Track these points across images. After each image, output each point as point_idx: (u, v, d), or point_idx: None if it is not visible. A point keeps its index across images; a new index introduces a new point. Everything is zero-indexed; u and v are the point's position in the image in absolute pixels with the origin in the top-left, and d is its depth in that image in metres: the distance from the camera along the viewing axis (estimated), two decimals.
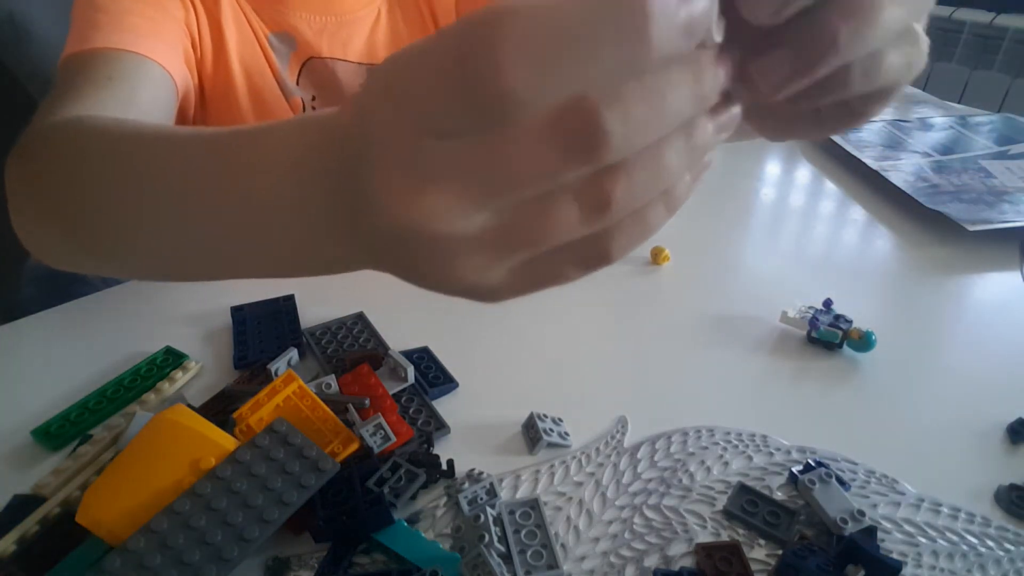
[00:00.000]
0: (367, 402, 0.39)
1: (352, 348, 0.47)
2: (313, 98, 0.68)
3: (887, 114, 0.92)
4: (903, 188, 0.68)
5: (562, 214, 0.17)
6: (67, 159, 0.34)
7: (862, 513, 0.33)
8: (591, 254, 0.18)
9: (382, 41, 0.70)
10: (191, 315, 0.51)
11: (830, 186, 0.75)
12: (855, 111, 0.21)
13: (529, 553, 0.32)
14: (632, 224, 0.18)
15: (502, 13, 0.13)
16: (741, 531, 0.34)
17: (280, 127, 0.23)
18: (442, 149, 0.16)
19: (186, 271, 0.31)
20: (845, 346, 0.47)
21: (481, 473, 0.37)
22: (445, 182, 0.16)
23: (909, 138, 0.82)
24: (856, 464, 0.38)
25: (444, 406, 0.42)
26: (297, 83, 0.66)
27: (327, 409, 0.37)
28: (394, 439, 0.37)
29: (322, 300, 0.52)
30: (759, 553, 0.33)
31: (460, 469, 0.37)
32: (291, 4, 0.63)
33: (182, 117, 0.61)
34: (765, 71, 0.18)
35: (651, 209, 0.18)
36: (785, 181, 0.78)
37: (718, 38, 0.17)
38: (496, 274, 0.19)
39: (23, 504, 0.34)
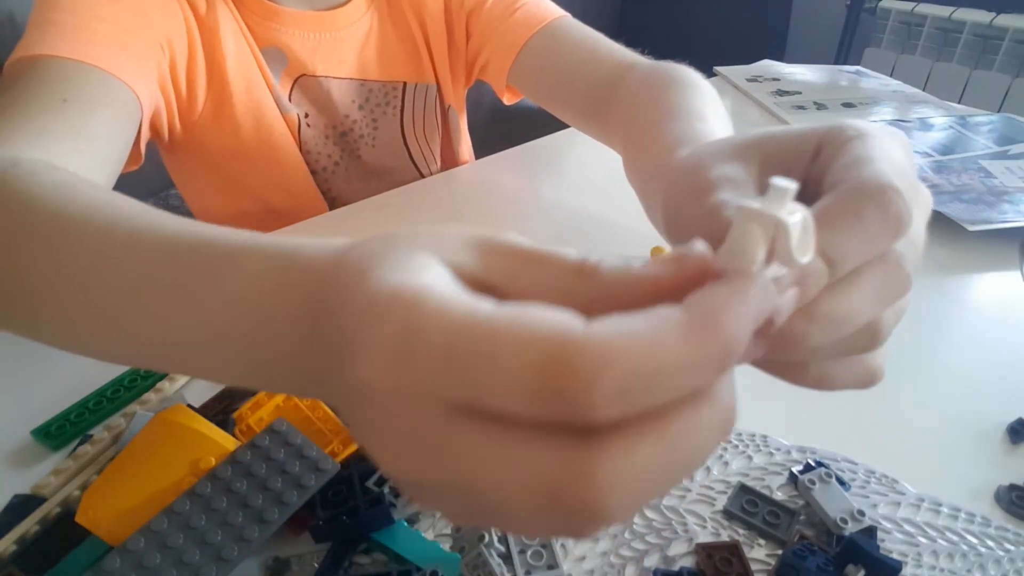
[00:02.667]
0: None
1: None
2: (306, 115, 0.67)
3: (887, 114, 0.92)
4: None
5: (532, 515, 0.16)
6: (3, 227, 0.30)
7: (862, 513, 0.33)
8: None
9: (373, 56, 0.69)
10: None
11: None
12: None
13: (529, 553, 0.32)
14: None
15: (601, 352, 0.14)
16: (741, 531, 0.34)
17: (256, 265, 0.22)
18: (457, 428, 0.15)
19: (119, 359, 0.29)
20: None
21: None
22: (449, 460, 0.15)
23: (909, 138, 0.82)
24: (856, 464, 0.38)
25: None
26: (290, 99, 0.65)
27: (327, 409, 0.37)
28: None
29: None
30: (759, 553, 0.33)
31: None
32: (283, 21, 0.62)
33: (155, 136, 0.59)
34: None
35: None
36: None
37: None
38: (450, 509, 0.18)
39: (23, 504, 0.34)
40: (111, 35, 0.48)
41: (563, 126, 0.91)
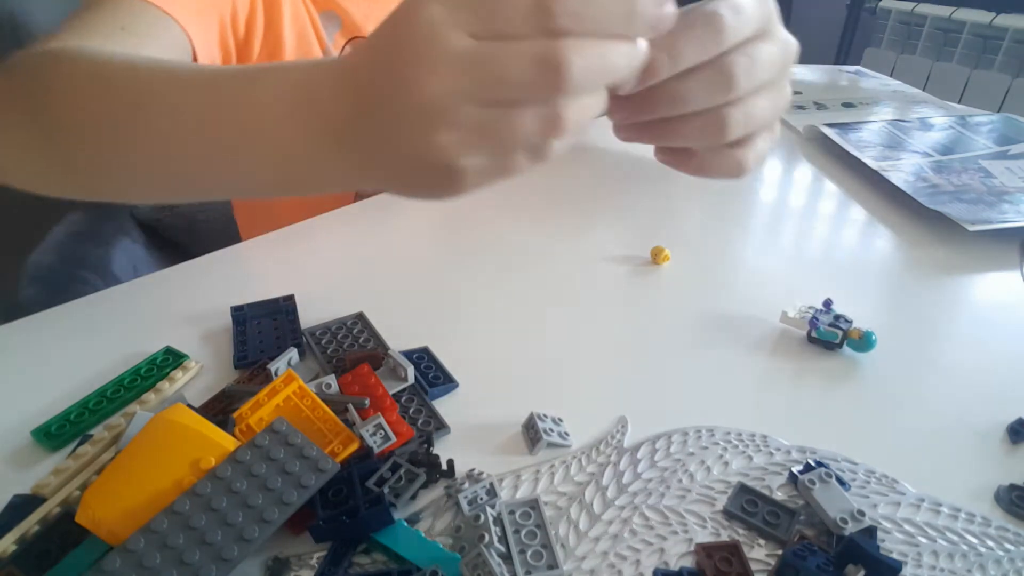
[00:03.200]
0: (367, 402, 0.39)
1: (352, 348, 0.47)
2: None
3: (887, 114, 0.92)
4: (903, 188, 0.68)
5: (527, 120, 0.25)
6: (64, 76, 0.37)
7: (862, 513, 0.33)
8: (539, 151, 0.28)
9: None
10: (191, 315, 0.51)
11: (830, 186, 0.75)
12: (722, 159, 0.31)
13: (529, 553, 0.32)
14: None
15: None
16: (741, 531, 0.34)
17: (287, 63, 0.30)
18: (471, 45, 0.24)
19: (172, 186, 0.37)
20: (845, 346, 0.47)
21: (481, 473, 0.37)
22: (465, 66, 0.24)
23: (909, 138, 0.82)
24: (856, 464, 0.38)
25: (444, 406, 0.42)
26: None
27: (327, 409, 0.37)
28: (394, 439, 0.37)
29: (322, 300, 0.52)
30: (759, 553, 0.33)
31: (460, 469, 0.37)
32: None
33: None
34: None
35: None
36: (785, 181, 0.78)
37: None
38: (465, 159, 0.26)
39: (23, 504, 0.34)
40: None
41: None
